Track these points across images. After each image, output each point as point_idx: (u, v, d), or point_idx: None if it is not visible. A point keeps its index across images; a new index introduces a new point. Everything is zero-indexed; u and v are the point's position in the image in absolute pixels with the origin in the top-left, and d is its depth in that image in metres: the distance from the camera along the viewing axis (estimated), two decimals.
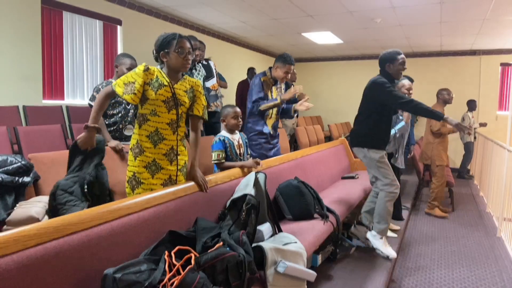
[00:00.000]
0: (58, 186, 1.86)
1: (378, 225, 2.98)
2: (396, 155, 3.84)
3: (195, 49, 3.59)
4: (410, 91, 3.76)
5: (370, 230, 3.08)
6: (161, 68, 1.98)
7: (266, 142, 3.38)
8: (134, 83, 1.87)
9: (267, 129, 3.36)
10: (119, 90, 1.86)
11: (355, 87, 9.25)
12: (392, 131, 3.63)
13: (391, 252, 2.94)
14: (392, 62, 2.94)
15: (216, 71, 4.20)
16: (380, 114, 2.95)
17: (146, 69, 1.90)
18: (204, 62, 3.97)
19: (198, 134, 2.11)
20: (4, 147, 3.06)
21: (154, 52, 1.96)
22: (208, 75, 3.95)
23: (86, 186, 1.92)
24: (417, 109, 2.78)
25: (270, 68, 3.37)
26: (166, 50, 1.90)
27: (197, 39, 3.70)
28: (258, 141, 3.35)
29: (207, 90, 3.97)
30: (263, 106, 3.21)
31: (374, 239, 2.99)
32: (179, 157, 2.02)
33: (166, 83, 1.92)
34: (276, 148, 3.49)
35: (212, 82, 4.04)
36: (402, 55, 2.95)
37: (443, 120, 2.71)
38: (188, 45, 1.92)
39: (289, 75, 3.29)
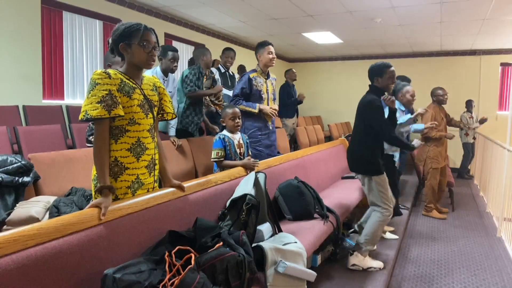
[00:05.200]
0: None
1: (365, 245, 2.86)
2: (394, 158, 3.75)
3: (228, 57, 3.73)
4: (414, 97, 3.71)
5: (351, 254, 2.89)
6: (117, 69, 1.70)
7: (265, 139, 3.40)
8: (109, 93, 1.55)
9: (268, 125, 3.43)
10: (100, 112, 1.52)
11: (355, 87, 9.22)
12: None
13: (380, 264, 2.90)
14: (380, 76, 2.80)
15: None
16: (376, 134, 2.81)
17: (108, 75, 1.59)
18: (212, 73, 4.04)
19: (159, 137, 1.89)
20: (4, 147, 3.06)
21: (111, 41, 1.66)
22: (212, 85, 4.01)
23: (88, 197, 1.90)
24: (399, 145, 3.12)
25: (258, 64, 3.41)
26: (127, 42, 1.63)
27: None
28: (257, 137, 3.36)
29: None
30: (241, 107, 3.23)
31: (361, 262, 2.85)
32: (156, 167, 1.81)
33: (134, 85, 1.68)
34: (273, 146, 3.50)
35: None
36: (392, 68, 2.80)
37: (414, 148, 3.00)
38: (154, 39, 1.68)
39: (274, 54, 3.33)
